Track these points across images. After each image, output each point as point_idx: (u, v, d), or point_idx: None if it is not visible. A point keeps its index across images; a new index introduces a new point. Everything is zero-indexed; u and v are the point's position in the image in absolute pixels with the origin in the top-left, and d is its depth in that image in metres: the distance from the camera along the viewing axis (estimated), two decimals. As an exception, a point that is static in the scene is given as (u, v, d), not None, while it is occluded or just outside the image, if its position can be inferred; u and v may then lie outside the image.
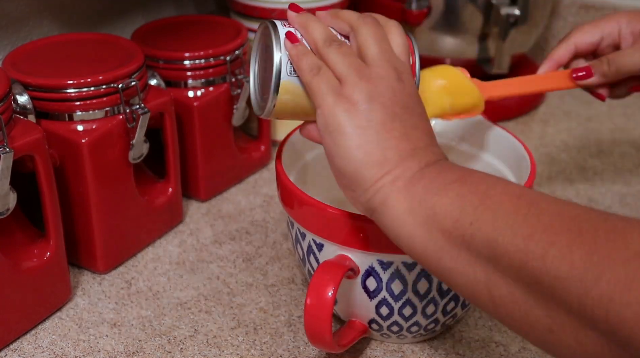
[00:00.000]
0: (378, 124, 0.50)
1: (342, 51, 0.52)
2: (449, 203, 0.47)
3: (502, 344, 0.65)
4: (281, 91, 0.53)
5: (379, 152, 0.49)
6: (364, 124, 0.50)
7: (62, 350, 0.64)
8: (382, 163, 0.49)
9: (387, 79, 0.51)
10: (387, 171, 0.49)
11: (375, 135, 0.50)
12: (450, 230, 0.46)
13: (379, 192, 0.50)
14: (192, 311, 0.69)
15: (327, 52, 0.52)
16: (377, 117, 0.50)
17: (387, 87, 0.51)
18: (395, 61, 0.53)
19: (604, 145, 0.97)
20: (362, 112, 0.50)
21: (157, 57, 0.79)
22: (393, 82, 0.51)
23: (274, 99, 0.53)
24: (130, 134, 0.71)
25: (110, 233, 0.72)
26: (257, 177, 0.90)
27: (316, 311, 0.56)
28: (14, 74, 0.68)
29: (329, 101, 0.51)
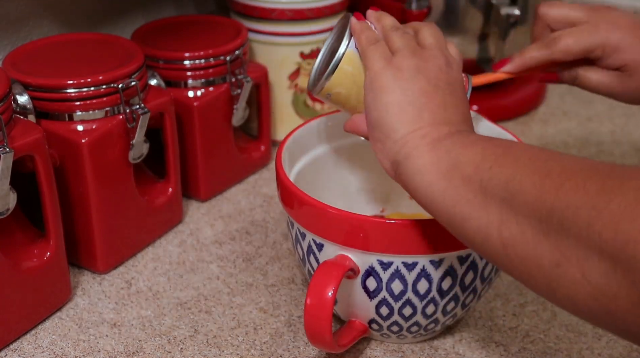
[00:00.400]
0: (420, 89, 0.54)
1: (404, 35, 0.57)
2: (473, 153, 0.49)
3: (502, 344, 0.65)
4: (345, 59, 0.57)
5: (415, 111, 0.53)
6: (406, 87, 0.54)
7: (62, 350, 0.64)
8: (415, 119, 0.53)
9: (436, 59, 0.55)
10: (419, 127, 0.52)
11: (414, 97, 0.53)
12: (471, 175, 0.48)
13: (407, 144, 0.52)
14: (192, 312, 0.69)
15: (391, 35, 0.57)
16: (420, 85, 0.54)
17: (435, 66, 0.55)
18: (448, 53, 0.57)
19: (604, 145, 0.97)
20: (407, 79, 0.54)
21: (157, 57, 0.79)
22: (442, 64, 0.55)
23: (334, 68, 0.57)
24: (130, 134, 0.71)
25: (110, 233, 0.72)
26: (257, 177, 0.90)
27: (316, 311, 0.56)
28: (14, 74, 0.68)
29: (379, 64, 0.55)
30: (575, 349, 0.64)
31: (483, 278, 0.61)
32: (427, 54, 0.56)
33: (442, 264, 0.58)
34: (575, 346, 0.65)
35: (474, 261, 0.59)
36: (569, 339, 0.66)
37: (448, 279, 0.59)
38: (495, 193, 0.46)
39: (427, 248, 0.57)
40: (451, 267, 0.58)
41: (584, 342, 0.65)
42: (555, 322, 0.67)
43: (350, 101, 0.58)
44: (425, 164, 0.51)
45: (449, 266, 0.58)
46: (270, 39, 0.89)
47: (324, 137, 0.71)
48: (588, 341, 0.65)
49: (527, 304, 0.69)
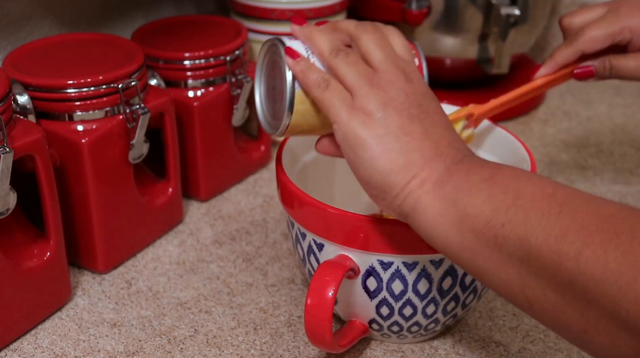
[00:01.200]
0: (396, 129, 0.50)
1: (349, 60, 0.52)
2: (481, 203, 0.46)
3: (502, 344, 0.65)
4: (297, 103, 0.53)
5: (402, 157, 0.50)
6: (381, 133, 0.50)
7: (62, 350, 0.64)
8: (406, 167, 0.50)
9: (396, 82, 0.51)
10: (414, 175, 0.49)
11: (395, 141, 0.50)
12: (483, 230, 0.46)
13: (409, 196, 0.50)
14: (192, 311, 0.69)
15: (335, 63, 0.52)
16: (394, 123, 0.50)
17: (398, 91, 0.51)
18: (401, 62, 0.53)
19: (604, 145, 0.97)
20: (378, 121, 0.50)
21: (157, 57, 0.79)
22: (402, 84, 0.51)
23: (289, 113, 0.53)
24: (130, 134, 0.71)
25: (110, 233, 0.72)
26: (257, 177, 0.90)
27: (316, 311, 0.56)
28: (14, 74, 0.68)
29: (344, 115, 0.51)
30: (575, 349, 0.64)
31: (483, 278, 0.61)
32: (384, 79, 0.51)
33: (443, 264, 0.58)
34: (575, 346, 0.65)
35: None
36: (569, 339, 0.66)
37: (448, 279, 0.59)
38: (512, 252, 0.44)
39: (428, 248, 0.56)
40: (451, 267, 0.58)
41: (584, 342, 0.65)
42: (555, 322, 0.67)
43: (316, 131, 0.56)
44: (434, 218, 0.49)
45: (449, 266, 0.58)
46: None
47: (324, 137, 0.71)
48: (588, 341, 0.65)
49: (527, 304, 0.70)
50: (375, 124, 0.50)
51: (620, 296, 0.39)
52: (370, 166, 0.50)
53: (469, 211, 0.47)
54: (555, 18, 1.17)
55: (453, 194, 0.48)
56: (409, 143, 0.50)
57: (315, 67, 0.53)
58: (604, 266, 0.39)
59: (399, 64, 0.52)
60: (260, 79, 0.58)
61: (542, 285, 0.43)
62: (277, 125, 0.55)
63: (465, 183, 0.48)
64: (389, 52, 0.53)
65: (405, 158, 0.50)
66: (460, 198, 0.47)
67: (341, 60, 0.52)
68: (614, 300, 0.39)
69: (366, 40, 0.53)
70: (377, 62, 0.52)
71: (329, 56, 0.53)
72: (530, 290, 0.44)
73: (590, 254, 0.40)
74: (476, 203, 0.47)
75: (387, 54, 0.52)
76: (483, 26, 0.96)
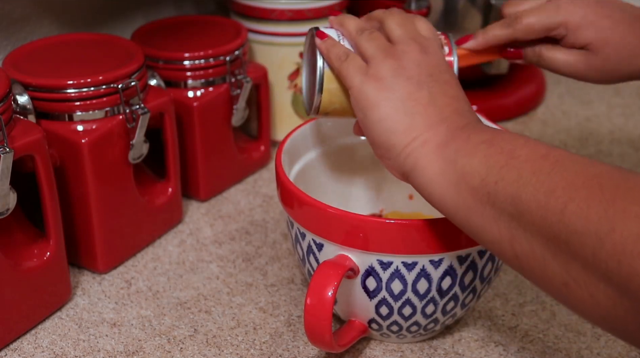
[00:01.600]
0: (404, 94, 0.53)
1: (371, 37, 0.57)
2: (477, 163, 0.49)
3: (502, 344, 0.65)
4: (326, 81, 0.58)
5: (406, 119, 0.53)
6: (390, 96, 0.53)
7: (62, 350, 0.64)
8: (409, 128, 0.53)
9: (410, 52, 0.55)
10: (415, 136, 0.52)
11: (402, 104, 0.53)
12: (478, 188, 0.48)
13: (410, 155, 0.52)
14: (192, 311, 0.69)
15: (359, 40, 0.57)
16: (402, 88, 0.53)
17: (411, 60, 0.55)
18: (420, 37, 0.57)
19: (603, 145, 0.97)
20: (388, 85, 0.54)
21: (157, 57, 0.79)
22: (416, 54, 0.55)
23: (319, 92, 0.58)
24: (130, 134, 0.71)
25: (110, 233, 0.72)
26: (257, 177, 0.90)
27: (316, 311, 0.56)
28: (14, 74, 0.68)
29: (357, 80, 0.55)
30: (575, 349, 0.65)
31: (482, 278, 0.61)
32: (399, 49, 0.55)
33: (442, 264, 0.58)
34: (574, 346, 0.65)
35: (473, 261, 0.59)
36: (568, 339, 0.66)
37: (448, 279, 0.59)
38: (504, 208, 0.46)
39: (427, 248, 0.57)
40: (451, 267, 0.58)
41: (582, 341, 0.65)
42: (554, 322, 0.67)
43: (348, 111, 0.59)
44: (433, 176, 0.51)
45: (448, 266, 0.58)
46: (270, 39, 0.89)
47: (323, 137, 0.71)
48: (587, 341, 0.65)
49: (526, 304, 0.70)
50: (385, 88, 0.54)
51: (599, 246, 0.40)
52: (377, 126, 0.54)
53: (466, 171, 0.49)
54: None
55: (452, 155, 0.50)
56: (414, 107, 0.53)
57: (338, 44, 0.58)
58: (586, 218, 0.41)
59: (416, 38, 0.56)
60: (305, 64, 0.63)
61: (529, 240, 0.45)
62: (310, 107, 0.60)
63: (465, 145, 0.50)
64: (410, 29, 0.57)
65: (409, 120, 0.53)
66: (459, 159, 0.50)
67: (365, 37, 0.57)
68: (594, 251, 0.40)
69: (390, 21, 0.57)
70: (396, 37, 0.56)
71: (355, 34, 0.58)
72: (519, 245, 0.46)
73: (575, 208, 0.42)
74: (473, 163, 0.49)
75: (406, 30, 0.57)
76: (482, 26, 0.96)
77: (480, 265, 0.60)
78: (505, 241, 0.47)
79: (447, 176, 0.50)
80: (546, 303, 0.69)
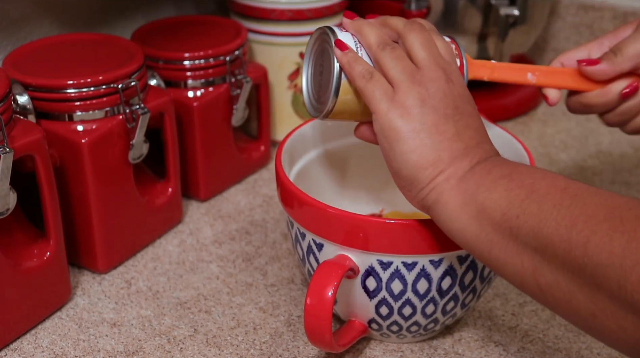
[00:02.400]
0: (431, 127, 0.52)
1: (395, 55, 0.55)
2: (498, 197, 0.49)
3: (502, 344, 0.65)
4: (342, 92, 0.56)
5: (433, 154, 0.52)
6: (417, 128, 0.52)
7: (62, 349, 0.64)
8: (436, 163, 0.52)
9: (437, 81, 0.54)
10: (441, 171, 0.52)
11: (429, 138, 0.52)
12: (499, 222, 0.48)
13: (434, 190, 0.52)
14: (192, 311, 0.69)
15: (382, 56, 0.55)
16: (429, 120, 0.52)
17: (438, 90, 0.53)
18: (444, 62, 0.55)
19: (603, 145, 0.97)
20: (415, 116, 0.52)
21: (157, 57, 0.79)
22: (443, 84, 0.54)
23: (333, 99, 0.56)
24: (130, 134, 0.71)
25: (110, 233, 0.72)
26: (257, 177, 0.90)
27: (316, 311, 0.56)
28: (14, 74, 0.68)
29: (384, 106, 0.53)
30: (574, 349, 0.65)
31: (482, 278, 0.61)
32: (426, 76, 0.54)
33: (442, 264, 0.58)
34: (574, 346, 0.65)
35: (473, 261, 0.59)
36: (568, 339, 0.66)
37: (448, 279, 0.59)
38: (526, 241, 0.47)
39: (427, 248, 0.57)
40: (451, 267, 0.58)
41: (582, 341, 0.65)
42: (554, 322, 0.67)
43: (357, 117, 0.58)
44: (454, 210, 0.51)
45: (448, 266, 0.58)
46: (270, 39, 0.89)
47: (323, 137, 0.71)
48: (587, 341, 0.65)
49: (526, 304, 0.70)
50: (412, 118, 0.53)
51: (624, 279, 0.41)
52: (403, 159, 0.53)
53: (487, 205, 0.49)
54: (554, 18, 1.17)
55: (473, 189, 0.51)
56: (441, 142, 0.52)
57: (361, 60, 0.56)
58: (610, 252, 0.42)
59: (441, 64, 0.55)
60: (308, 64, 0.61)
61: (553, 273, 0.45)
62: (321, 109, 0.58)
63: (486, 180, 0.51)
64: (433, 52, 0.55)
65: (435, 155, 0.52)
66: (480, 193, 0.50)
67: (387, 54, 0.55)
68: (619, 283, 0.41)
69: (412, 39, 0.55)
70: (421, 60, 0.54)
71: (376, 48, 0.55)
72: (543, 277, 0.46)
73: (597, 241, 0.43)
74: (494, 197, 0.49)
75: (431, 54, 0.55)
76: (482, 26, 0.96)
77: (480, 265, 0.60)
78: (528, 275, 0.47)
79: (469, 210, 0.50)
80: (546, 303, 0.69)
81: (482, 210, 0.50)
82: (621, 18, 1.10)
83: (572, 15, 1.15)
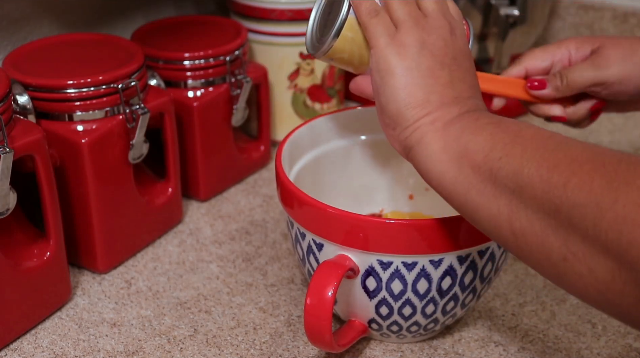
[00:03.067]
0: (426, 70, 0.53)
1: (404, 1, 0.55)
2: (482, 140, 0.49)
3: (502, 344, 0.65)
4: (346, 27, 0.56)
5: (422, 94, 0.52)
6: (412, 67, 0.53)
7: (62, 349, 0.64)
8: (424, 104, 0.52)
9: (440, 29, 0.54)
10: (428, 112, 0.52)
11: (422, 79, 0.53)
12: (480, 164, 0.48)
13: (418, 130, 0.52)
14: (192, 311, 0.69)
15: (392, 2, 0.55)
16: (425, 63, 0.53)
17: (440, 38, 0.54)
18: (450, 16, 0.56)
19: (603, 145, 0.97)
20: (412, 56, 0.53)
21: (157, 57, 0.79)
22: (446, 34, 0.54)
23: (337, 33, 0.56)
24: (130, 134, 0.71)
25: (110, 233, 0.72)
26: (257, 177, 0.90)
27: (316, 311, 0.56)
28: (14, 74, 0.68)
29: (382, 42, 0.54)
30: (574, 349, 0.65)
31: (482, 278, 0.61)
32: (430, 24, 0.54)
33: (442, 264, 0.58)
34: (574, 346, 0.65)
35: (473, 261, 0.59)
36: (568, 339, 0.66)
37: (447, 279, 0.59)
38: (505, 184, 0.47)
39: (427, 248, 0.57)
40: (451, 267, 0.58)
41: (582, 341, 0.65)
42: (554, 322, 0.67)
43: (353, 63, 0.58)
44: (436, 151, 0.51)
45: (448, 266, 0.58)
46: (270, 39, 0.89)
47: (323, 137, 0.71)
48: (587, 341, 0.65)
49: (526, 304, 0.70)
50: (408, 57, 0.53)
51: (600, 217, 0.41)
52: (392, 94, 0.53)
53: (470, 147, 0.49)
54: (555, 19, 1.17)
55: (458, 132, 0.51)
56: (433, 85, 0.53)
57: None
58: (589, 191, 0.42)
59: (448, 16, 0.56)
60: (319, 4, 0.60)
61: (529, 216, 0.45)
62: (320, 46, 0.58)
63: (472, 125, 0.51)
64: (442, 5, 0.56)
65: (424, 96, 0.52)
66: (464, 136, 0.50)
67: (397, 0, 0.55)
68: (595, 222, 0.41)
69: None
70: (429, 9, 0.55)
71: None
72: (518, 221, 0.46)
73: (578, 181, 0.43)
74: (478, 140, 0.49)
75: (439, 6, 0.56)
76: (482, 26, 0.96)
77: (480, 265, 0.60)
78: (503, 219, 0.47)
79: (450, 152, 0.50)
80: (546, 303, 0.69)
81: (465, 152, 0.49)
82: (621, 18, 1.10)
83: (572, 15, 1.15)
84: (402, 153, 0.55)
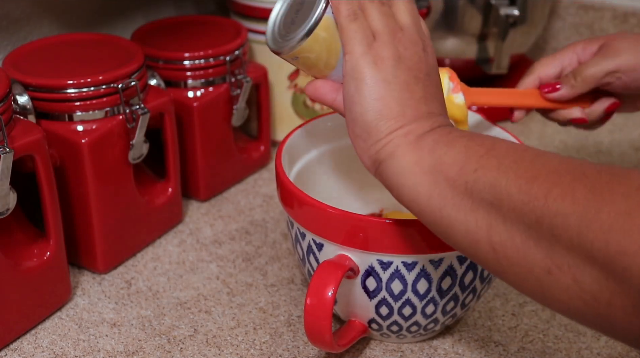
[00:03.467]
0: (402, 83, 0.52)
1: (382, 10, 0.54)
2: (456, 152, 0.48)
3: (502, 344, 0.65)
4: (319, 27, 0.53)
5: (398, 107, 0.52)
6: (389, 79, 0.52)
7: (62, 349, 0.64)
8: (398, 117, 0.52)
9: (415, 46, 0.54)
10: (402, 125, 0.51)
11: (398, 92, 0.52)
12: (455, 177, 0.47)
13: (390, 143, 0.51)
14: (192, 311, 0.69)
15: (369, 7, 0.54)
16: (402, 76, 0.52)
17: (415, 54, 0.54)
18: (422, 33, 0.56)
19: (603, 145, 0.97)
20: (388, 69, 0.52)
21: (157, 57, 0.79)
22: (420, 50, 0.54)
23: (306, 36, 0.53)
24: (130, 134, 0.71)
25: (110, 233, 0.72)
26: (257, 177, 0.90)
27: (316, 311, 0.56)
28: (14, 74, 0.68)
29: (359, 49, 0.52)
30: (574, 349, 0.65)
31: (482, 278, 0.61)
32: (406, 39, 0.54)
33: (442, 264, 0.58)
34: (574, 346, 0.65)
35: (473, 261, 0.59)
36: (568, 339, 0.66)
37: (447, 279, 0.59)
38: (482, 196, 0.46)
39: (427, 248, 0.57)
40: (451, 267, 0.58)
41: (582, 341, 0.65)
42: (554, 322, 0.67)
43: (318, 66, 0.55)
44: (409, 164, 0.50)
45: (448, 266, 0.58)
46: (269, 39, 0.89)
47: (323, 137, 0.71)
48: (587, 341, 0.65)
49: (526, 304, 0.70)
50: (385, 69, 0.52)
51: (585, 227, 0.40)
52: (366, 104, 0.52)
53: (444, 160, 0.49)
54: (555, 19, 1.17)
55: (431, 145, 0.50)
56: (408, 99, 0.52)
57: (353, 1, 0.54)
58: (572, 200, 0.41)
59: (421, 33, 0.55)
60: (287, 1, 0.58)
61: (509, 229, 0.44)
62: (286, 43, 0.54)
63: (445, 138, 0.50)
64: (417, 22, 0.56)
65: (400, 109, 0.52)
66: (438, 148, 0.49)
67: (376, 7, 0.54)
68: (580, 231, 0.40)
69: (402, 7, 0.55)
70: (405, 23, 0.55)
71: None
72: (497, 235, 0.45)
73: (559, 192, 0.42)
74: (452, 153, 0.49)
75: (414, 22, 0.55)
76: (482, 26, 0.96)
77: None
78: (482, 234, 0.46)
79: (424, 165, 0.49)
80: (546, 303, 0.69)
81: (439, 165, 0.48)
82: (621, 18, 1.10)
83: (572, 15, 1.15)
84: (371, 167, 0.53)
